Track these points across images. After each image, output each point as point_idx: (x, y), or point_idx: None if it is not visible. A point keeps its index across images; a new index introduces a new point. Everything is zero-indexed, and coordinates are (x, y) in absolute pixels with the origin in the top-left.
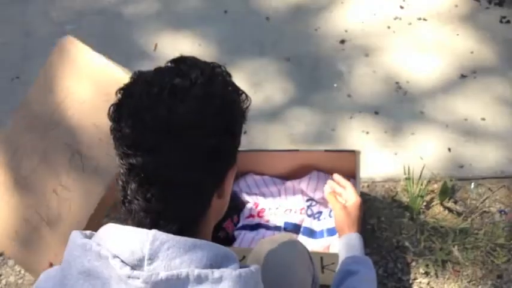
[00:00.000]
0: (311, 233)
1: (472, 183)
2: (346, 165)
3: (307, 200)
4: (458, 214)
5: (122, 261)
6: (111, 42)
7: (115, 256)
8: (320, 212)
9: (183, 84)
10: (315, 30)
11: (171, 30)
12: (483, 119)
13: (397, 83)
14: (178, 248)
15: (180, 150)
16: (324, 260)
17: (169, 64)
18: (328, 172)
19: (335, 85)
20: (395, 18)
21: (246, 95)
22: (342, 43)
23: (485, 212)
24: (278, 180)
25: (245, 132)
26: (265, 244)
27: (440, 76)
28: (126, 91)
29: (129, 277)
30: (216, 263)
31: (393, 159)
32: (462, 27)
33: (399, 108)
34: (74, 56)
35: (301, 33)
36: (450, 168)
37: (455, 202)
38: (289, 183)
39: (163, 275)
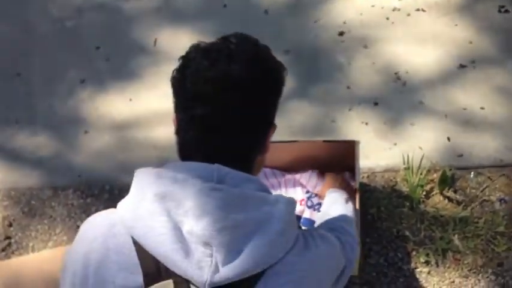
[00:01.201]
0: (311, 224)
1: (472, 172)
2: (346, 155)
3: (307, 192)
4: (458, 203)
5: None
6: (110, 38)
7: (194, 176)
8: (320, 204)
9: (236, 50)
10: (314, 22)
11: (170, 25)
12: (482, 108)
13: (396, 73)
14: (238, 179)
15: (235, 104)
16: None
17: (218, 39)
18: (327, 165)
19: (334, 77)
20: (393, 10)
21: (283, 65)
22: (340, 35)
23: (485, 200)
24: (278, 173)
25: None
26: None
27: (439, 66)
28: (187, 58)
29: (213, 189)
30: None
31: (393, 149)
32: (460, 17)
33: (398, 99)
34: None
35: (300, 25)
36: (449, 158)
37: (455, 191)
38: (289, 176)
39: (237, 190)
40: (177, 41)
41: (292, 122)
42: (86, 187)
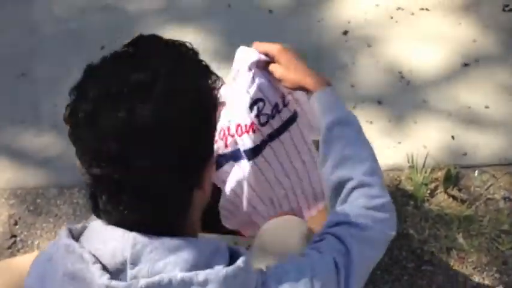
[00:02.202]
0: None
1: (476, 171)
2: None
3: (253, 104)
4: (463, 201)
5: (103, 266)
6: (115, 38)
7: (95, 262)
8: (276, 106)
9: (144, 79)
10: (318, 22)
11: (174, 25)
12: (486, 106)
13: (400, 72)
14: (162, 250)
15: (148, 155)
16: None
17: (125, 49)
18: None
19: (338, 75)
20: (397, 9)
21: (217, 76)
22: (345, 34)
23: (489, 199)
24: None
25: None
26: (267, 232)
27: (443, 65)
28: (80, 92)
29: (107, 287)
30: (202, 263)
31: (397, 148)
32: (464, 16)
33: (402, 97)
34: None
35: (304, 25)
36: (454, 156)
37: (460, 190)
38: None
39: (143, 283)
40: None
41: None
42: None
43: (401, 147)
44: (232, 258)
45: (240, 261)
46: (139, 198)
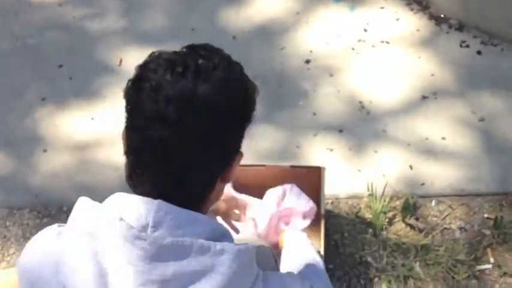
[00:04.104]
0: None
1: (433, 201)
2: (311, 181)
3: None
4: (420, 230)
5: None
6: (74, 57)
7: (122, 219)
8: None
9: (206, 65)
10: (281, 49)
11: (136, 46)
12: (443, 138)
13: (360, 102)
14: (181, 219)
15: (199, 128)
16: None
17: (185, 50)
18: None
19: (300, 103)
20: (359, 41)
21: (255, 86)
22: (307, 63)
23: (445, 228)
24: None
25: None
26: None
27: (402, 97)
28: (146, 67)
29: (136, 238)
30: (215, 238)
31: (357, 176)
32: (424, 50)
33: (363, 127)
34: None
35: (267, 52)
36: (412, 186)
37: (417, 219)
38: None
39: (168, 240)
40: None
41: (258, 147)
42: (42, 207)
43: (361, 175)
44: None
45: (249, 245)
46: (180, 164)
